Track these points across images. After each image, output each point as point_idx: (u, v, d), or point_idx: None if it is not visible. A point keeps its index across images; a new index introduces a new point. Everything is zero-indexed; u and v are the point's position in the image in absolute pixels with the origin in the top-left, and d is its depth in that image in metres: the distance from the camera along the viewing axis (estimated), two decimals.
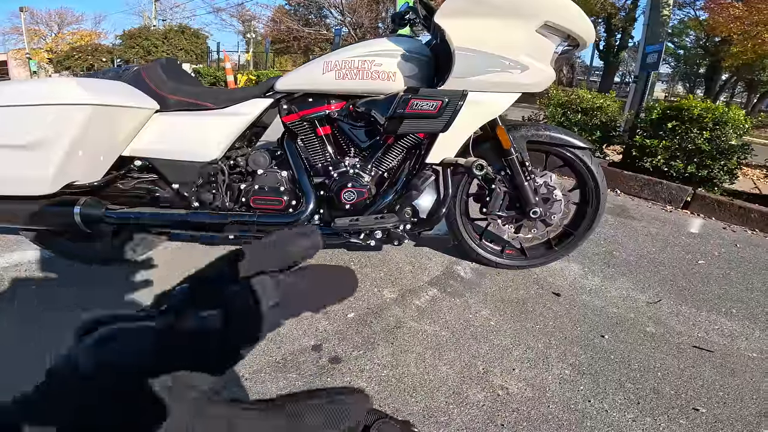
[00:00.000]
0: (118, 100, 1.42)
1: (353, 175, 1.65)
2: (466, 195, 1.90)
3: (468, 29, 1.52)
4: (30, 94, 1.32)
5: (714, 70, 15.71)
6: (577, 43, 1.66)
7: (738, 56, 11.41)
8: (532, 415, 1.23)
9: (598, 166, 1.86)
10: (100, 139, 1.40)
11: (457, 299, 1.77)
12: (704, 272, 2.18)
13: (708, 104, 3.41)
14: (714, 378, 1.43)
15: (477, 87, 1.56)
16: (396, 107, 1.47)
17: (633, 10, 16.28)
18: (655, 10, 5.92)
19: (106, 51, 22.39)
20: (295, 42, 20.59)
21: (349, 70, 1.56)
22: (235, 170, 1.70)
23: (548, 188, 1.83)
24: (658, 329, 1.67)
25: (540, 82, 1.63)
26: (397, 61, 1.57)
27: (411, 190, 1.66)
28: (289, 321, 0.38)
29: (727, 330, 1.70)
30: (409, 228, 1.70)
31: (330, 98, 1.63)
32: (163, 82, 1.59)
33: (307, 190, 1.63)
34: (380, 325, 1.58)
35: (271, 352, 1.41)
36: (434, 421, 1.20)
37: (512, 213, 1.85)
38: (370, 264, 1.99)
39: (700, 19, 14.38)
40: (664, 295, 1.92)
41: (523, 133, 1.78)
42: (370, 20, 17.18)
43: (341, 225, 1.62)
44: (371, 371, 1.36)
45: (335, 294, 0.24)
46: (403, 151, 1.68)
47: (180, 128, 1.58)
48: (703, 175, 3.36)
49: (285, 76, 1.65)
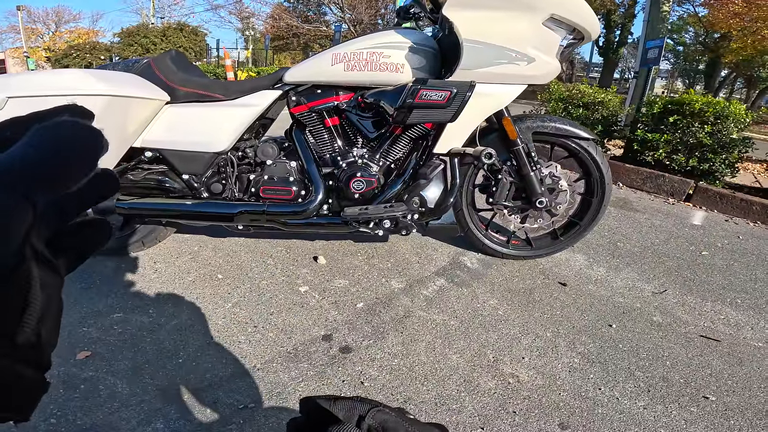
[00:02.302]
0: (131, 91, 1.43)
1: (362, 165, 1.66)
2: (472, 185, 1.91)
3: (476, 22, 1.53)
4: (45, 85, 1.33)
5: (713, 67, 15.70)
6: (582, 36, 1.67)
7: (738, 52, 11.40)
8: (543, 402, 1.25)
9: (602, 157, 1.87)
10: (112, 130, 1.41)
11: (464, 289, 1.78)
12: (708, 263, 2.20)
13: (709, 98, 3.43)
14: (722, 367, 1.44)
15: (484, 78, 1.57)
16: (405, 97, 1.47)
17: (632, 6, 16.26)
18: (655, 6, 5.93)
19: (104, 49, 22.29)
20: (295, 39, 20.52)
21: (357, 62, 1.57)
22: (244, 161, 1.70)
23: (554, 179, 1.84)
24: (664, 319, 1.68)
25: (546, 74, 1.65)
26: (405, 53, 1.58)
27: (419, 179, 1.67)
28: (299, 311, 0.39)
29: (733, 320, 1.71)
30: (417, 217, 1.71)
31: (338, 89, 1.64)
32: (174, 74, 1.59)
33: (316, 180, 1.64)
34: (389, 315, 1.59)
35: (282, 342, 1.42)
36: (447, 408, 1.21)
37: (518, 203, 1.86)
38: (377, 255, 2.00)
39: (699, 15, 14.37)
40: (669, 285, 1.93)
41: (529, 124, 1.79)
42: (370, 16, 17.12)
43: (351, 214, 1.63)
44: (382, 360, 1.37)
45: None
46: (410, 141, 1.69)
47: (190, 119, 1.59)
48: (705, 168, 3.38)
49: (294, 68, 1.65)
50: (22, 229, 0.17)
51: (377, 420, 0.32)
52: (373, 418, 0.32)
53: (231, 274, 1.79)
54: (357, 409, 0.33)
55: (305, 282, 1.76)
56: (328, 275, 1.82)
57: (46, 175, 0.18)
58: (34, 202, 0.17)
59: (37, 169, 0.18)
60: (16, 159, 0.18)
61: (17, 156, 0.18)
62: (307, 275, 1.81)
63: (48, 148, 0.18)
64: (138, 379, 1.24)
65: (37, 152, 0.18)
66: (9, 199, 0.17)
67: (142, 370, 1.28)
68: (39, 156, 0.18)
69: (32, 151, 0.18)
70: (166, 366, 1.30)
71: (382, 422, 0.32)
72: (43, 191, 0.18)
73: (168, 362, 1.31)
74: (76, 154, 0.19)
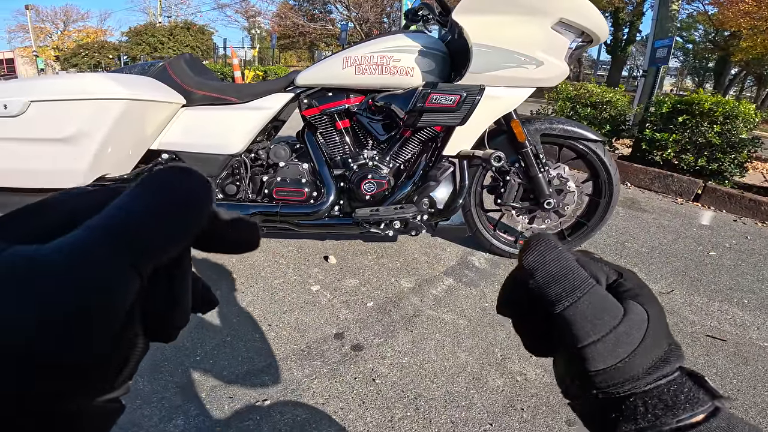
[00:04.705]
0: (149, 95, 1.47)
1: (373, 167, 1.69)
2: (481, 186, 1.93)
3: (485, 26, 1.55)
4: (66, 89, 1.37)
5: (723, 65, 15.59)
6: (591, 39, 1.69)
7: (747, 51, 11.32)
8: (551, 400, 1.27)
9: (610, 159, 1.89)
10: (131, 133, 1.45)
11: (472, 288, 1.81)
12: (716, 263, 2.21)
13: (718, 98, 3.42)
14: (727, 366, 1.46)
15: (493, 82, 1.60)
16: (416, 101, 1.50)
17: (641, 4, 16.15)
18: (663, 5, 5.89)
19: (113, 48, 22.49)
20: (301, 37, 20.57)
21: (368, 66, 1.60)
22: (257, 163, 1.74)
23: (561, 180, 1.86)
24: (671, 318, 1.70)
25: (554, 77, 1.67)
26: (415, 56, 1.61)
27: (429, 181, 1.70)
28: (311, 309, 0.37)
29: (739, 320, 1.73)
30: (426, 218, 1.74)
31: (349, 93, 1.67)
32: (189, 77, 1.63)
33: (327, 181, 1.68)
34: (399, 314, 1.62)
35: (296, 340, 1.46)
36: (456, 405, 1.24)
37: (526, 204, 1.88)
38: (386, 255, 2.04)
39: (709, 13, 14.24)
40: (676, 285, 1.95)
41: (538, 126, 1.82)
42: (376, 15, 17.14)
43: (362, 215, 1.67)
44: (393, 358, 1.41)
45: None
46: (420, 143, 1.72)
47: (205, 122, 1.63)
48: (714, 168, 3.37)
49: (305, 71, 1.69)
50: (126, 304, 0.15)
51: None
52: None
53: (244, 274, 1.83)
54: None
55: (317, 281, 1.80)
56: (338, 275, 1.86)
57: (154, 238, 0.16)
58: (141, 271, 0.15)
59: (145, 229, 0.15)
60: (123, 217, 0.15)
61: (124, 211, 0.15)
62: (318, 274, 1.85)
63: (159, 202, 0.16)
64: (158, 376, 1.29)
65: (148, 207, 0.16)
66: (115, 269, 0.15)
67: (162, 367, 1.32)
68: (148, 212, 0.16)
69: (140, 204, 0.16)
70: (185, 363, 1.34)
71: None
72: (151, 257, 0.16)
73: (186, 360, 1.35)
74: (189, 209, 0.17)
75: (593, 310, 0.23)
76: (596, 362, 0.23)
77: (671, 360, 0.24)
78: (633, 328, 0.23)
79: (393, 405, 1.22)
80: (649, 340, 0.23)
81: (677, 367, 0.24)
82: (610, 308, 0.23)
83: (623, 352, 0.23)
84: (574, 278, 0.23)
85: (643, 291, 0.25)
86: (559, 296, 0.23)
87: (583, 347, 0.23)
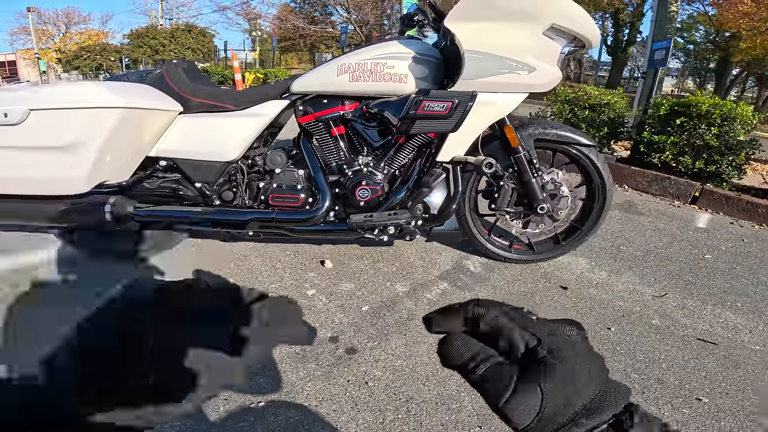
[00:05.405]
0: (146, 103, 1.50)
1: (367, 173, 1.71)
2: (475, 191, 1.95)
3: (477, 33, 1.57)
4: (64, 98, 1.40)
5: (724, 65, 15.57)
6: (583, 44, 1.71)
7: (747, 52, 11.32)
8: None
9: (604, 163, 1.90)
10: (129, 141, 1.48)
11: (467, 293, 1.83)
12: (711, 267, 2.22)
13: (716, 100, 3.43)
14: (717, 369, 1.47)
15: (486, 88, 1.61)
16: (408, 108, 1.52)
17: (641, 4, 16.16)
18: (662, 6, 5.91)
19: (114, 50, 22.60)
20: (301, 40, 20.67)
21: (362, 73, 1.62)
22: (254, 169, 1.77)
23: (555, 185, 1.88)
24: (663, 322, 1.71)
25: (547, 82, 1.68)
26: (409, 63, 1.63)
27: (422, 187, 1.72)
28: (306, 314, 0.41)
29: (732, 323, 1.74)
30: (420, 224, 1.76)
31: (344, 99, 1.69)
32: (186, 84, 1.66)
33: (323, 187, 1.70)
34: (393, 318, 1.64)
35: None
36: (447, 407, 1.26)
37: (520, 209, 1.90)
38: (382, 259, 2.06)
39: (709, 14, 14.24)
40: (670, 288, 1.97)
41: (531, 131, 1.83)
42: (375, 17, 17.19)
43: (356, 221, 1.69)
44: (386, 361, 1.43)
45: None
46: (414, 149, 1.74)
47: (202, 129, 1.65)
48: (712, 170, 3.39)
49: (300, 78, 1.71)
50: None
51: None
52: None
53: (241, 278, 1.85)
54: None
55: (313, 285, 1.82)
56: (334, 279, 1.88)
57: None
58: None
59: None
60: None
61: None
62: (314, 279, 1.87)
63: None
64: None
65: None
66: None
67: None
68: None
69: None
70: None
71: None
72: None
73: None
74: None
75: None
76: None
77: (595, 414, 0.27)
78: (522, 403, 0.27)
79: (385, 407, 1.24)
80: (551, 405, 0.26)
81: (610, 417, 0.27)
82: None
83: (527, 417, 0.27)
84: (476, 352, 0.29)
85: (561, 354, 0.29)
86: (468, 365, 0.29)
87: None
